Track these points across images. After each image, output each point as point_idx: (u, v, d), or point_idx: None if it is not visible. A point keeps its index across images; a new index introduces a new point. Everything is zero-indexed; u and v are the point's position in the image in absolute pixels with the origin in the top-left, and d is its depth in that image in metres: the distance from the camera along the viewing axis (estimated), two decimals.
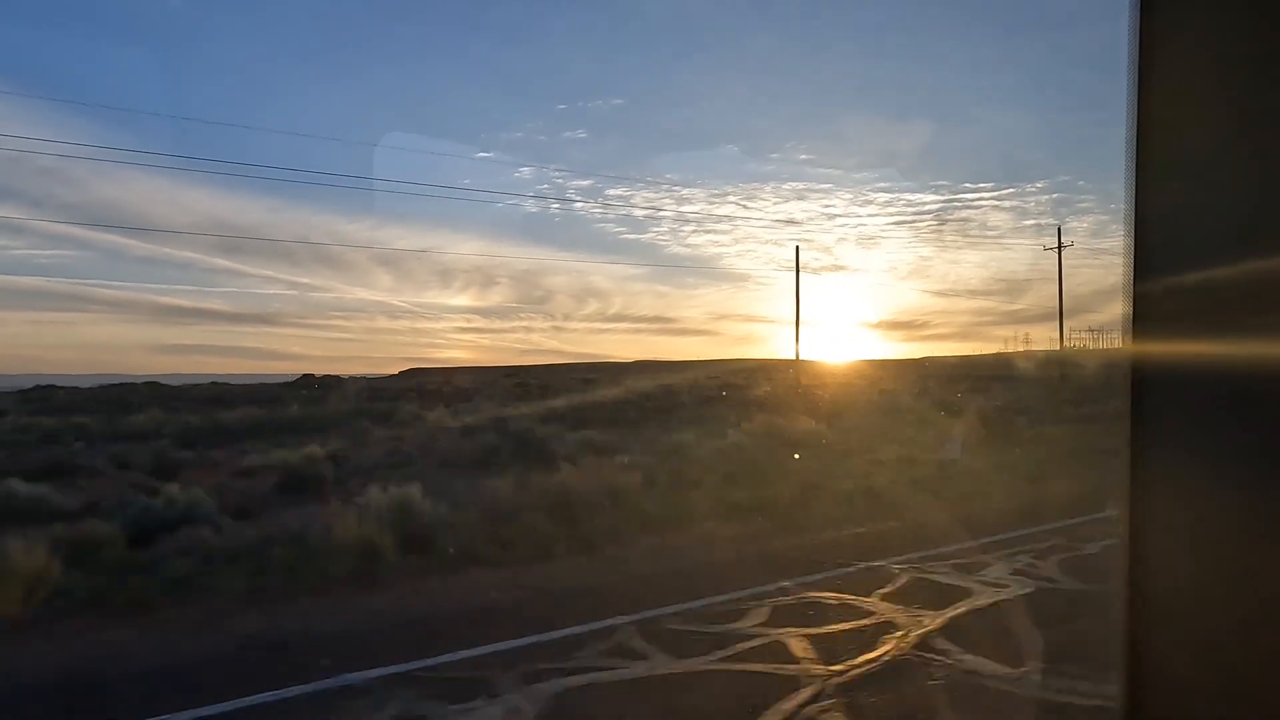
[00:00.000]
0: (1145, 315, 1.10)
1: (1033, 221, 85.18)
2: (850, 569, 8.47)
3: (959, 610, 7.04)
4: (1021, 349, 67.71)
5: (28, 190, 65.97)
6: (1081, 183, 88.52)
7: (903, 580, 8.05)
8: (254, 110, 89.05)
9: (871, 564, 8.65)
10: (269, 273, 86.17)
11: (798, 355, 38.65)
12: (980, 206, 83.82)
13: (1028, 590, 7.69)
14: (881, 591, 7.64)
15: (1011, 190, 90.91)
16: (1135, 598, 1.26)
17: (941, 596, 7.43)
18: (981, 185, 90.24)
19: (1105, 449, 15.00)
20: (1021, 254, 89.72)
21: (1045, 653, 5.92)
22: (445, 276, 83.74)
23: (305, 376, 64.19)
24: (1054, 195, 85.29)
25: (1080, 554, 9.10)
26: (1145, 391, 1.13)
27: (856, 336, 75.40)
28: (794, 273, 38.15)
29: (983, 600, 7.35)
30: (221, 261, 78.18)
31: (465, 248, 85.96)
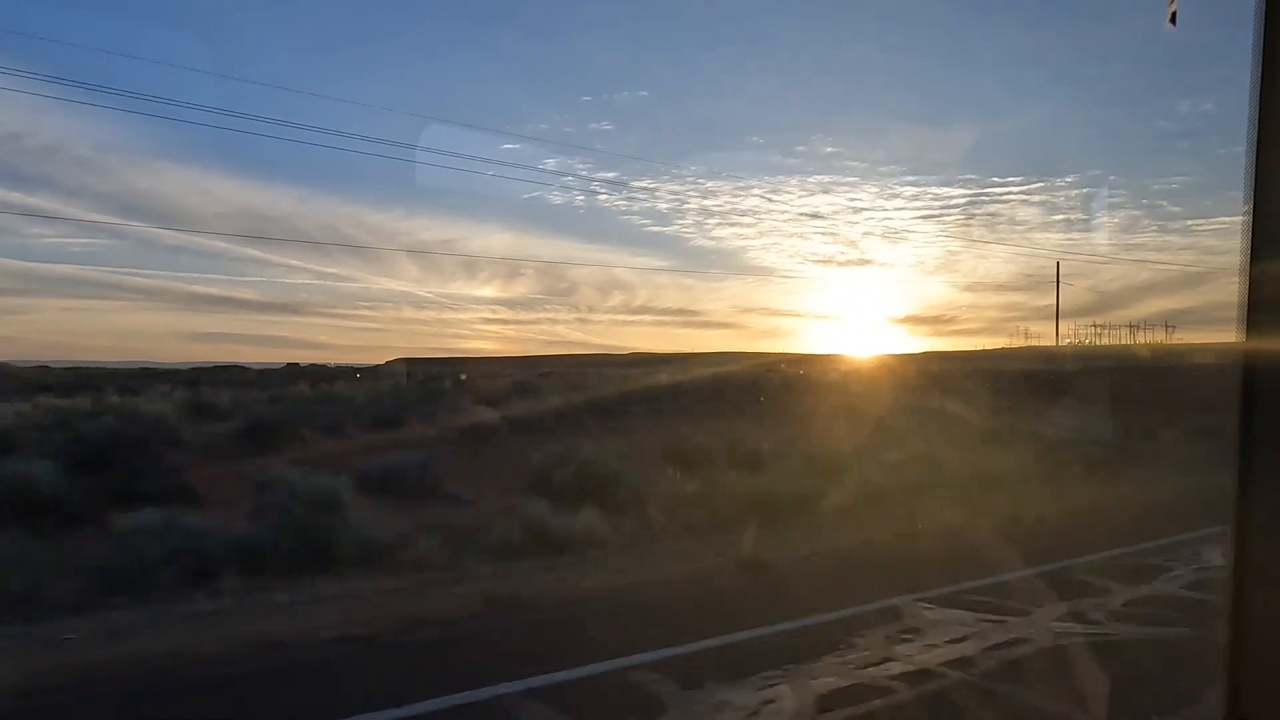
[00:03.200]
0: (1262, 304, 0.96)
1: (1062, 216, 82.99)
2: None
3: None
4: (1022, 344, 64.85)
5: (62, 179, 66.04)
6: (1113, 177, 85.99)
7: None
8: (275, 100, 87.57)
9: None
10: (297, 262, 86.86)
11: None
12: (1009, 201, 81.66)
13: None
14: None
15: (1041, 184, 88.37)
16: (1241, 605, 1.17)
17: None
18: (1010, 179, 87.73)
19: None
20: (1051, 249, 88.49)
21: None
22: (471, 268, 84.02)
23: (290, 365, 64.80)
24: (1084, 190, 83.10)
25: None
26: (1259, 387, 0.99)
27: (883, 331, 74.72)
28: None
29: None
30: (251, 251, 78.84)
31: (491, 239, 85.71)
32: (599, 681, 5.60)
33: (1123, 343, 63.30)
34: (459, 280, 73.39)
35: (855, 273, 78.83)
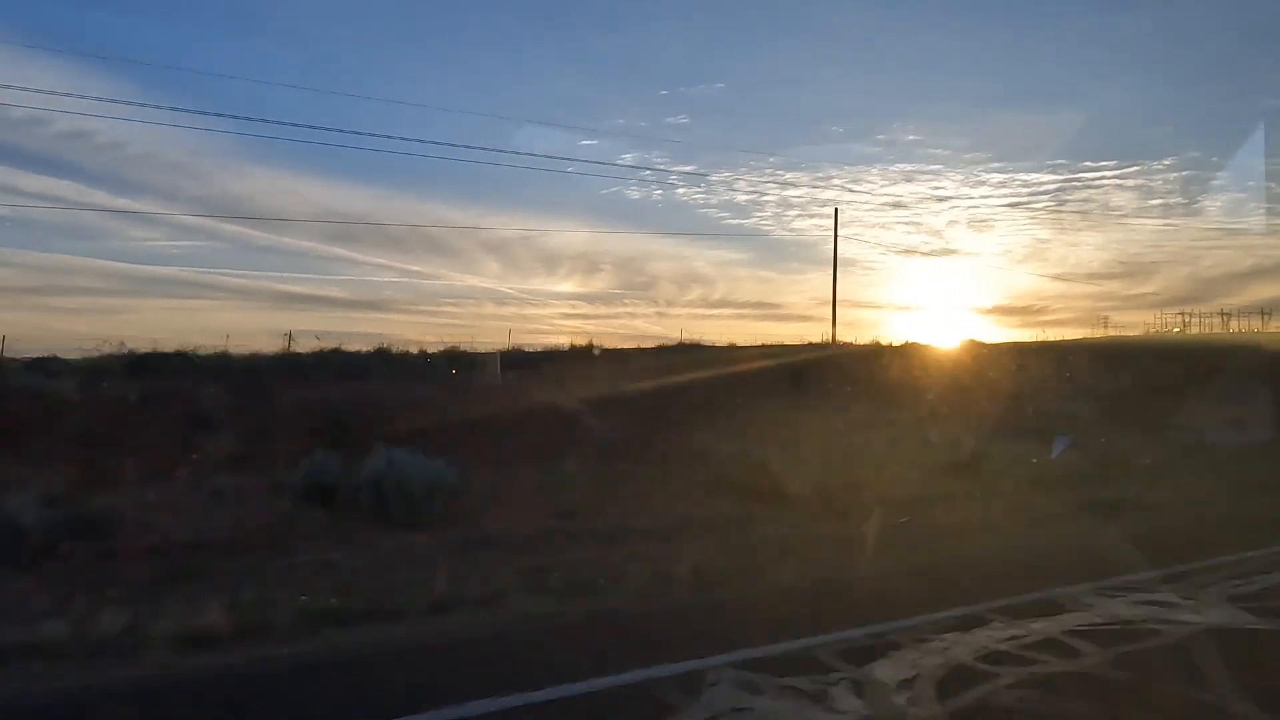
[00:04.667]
0: None
1: (1160, 201, 77.39)
2: None
3: None
4: (1102, 334, 60.15)
5: (160, 185, 68.49)
6: (1214, 159, 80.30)
7: None
8: (354, 102, 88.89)
9: None
10: (381, 260, 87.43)
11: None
12: (1101, 186, 76.55)
13: None
14: None
15: (1136, 168, 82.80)
16: None
17: None
18: (1103, 163, 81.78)
19: None
20: (1147, 235, 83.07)
21: None
22: (550, 263, 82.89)
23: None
24: (1183, 173, 77.84)
25: None
26: None
27: (969, 322, 70.53)
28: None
29: None
30: (337, 250, 79.86)
31: (569, 235, 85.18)
32: None
33: (1214, 331, 59.53)
34: (538, 276, 73.31)
35: (939, 263, 75.55)
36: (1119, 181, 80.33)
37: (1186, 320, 59.61)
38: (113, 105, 66.49)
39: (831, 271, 37.46)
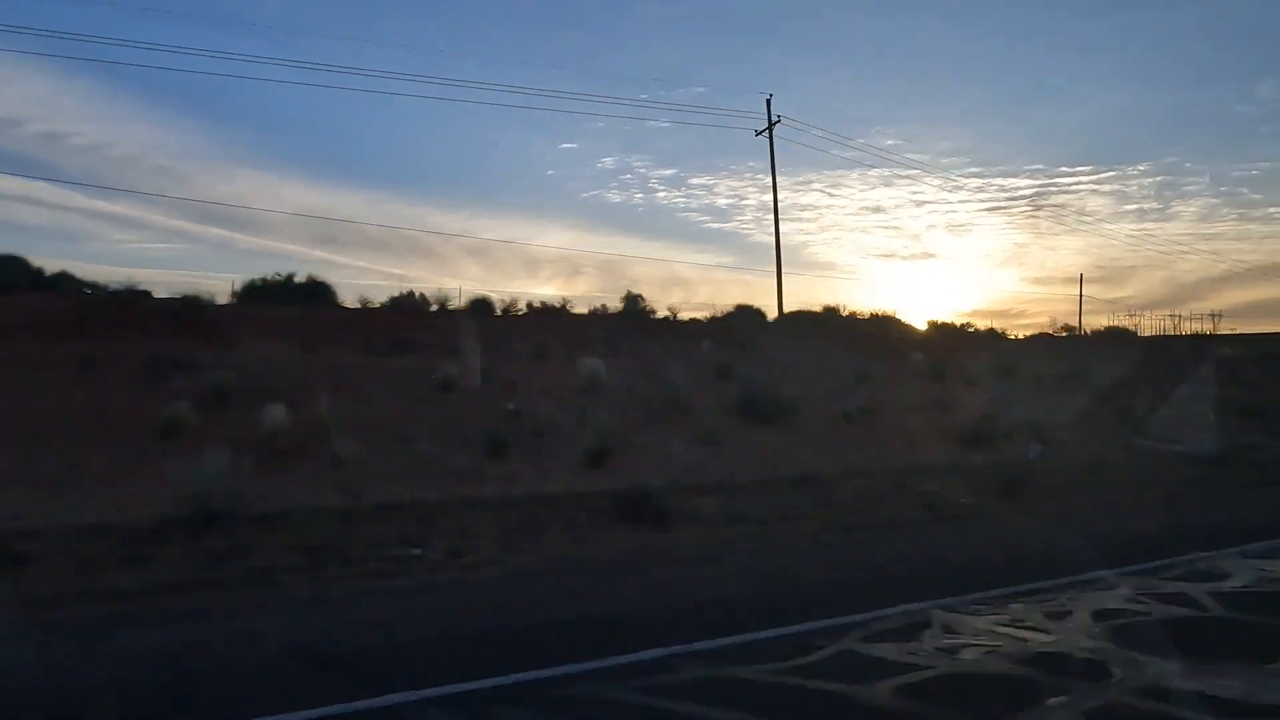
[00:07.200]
0: None
1: (1135, 206, 77.94)
2: None
3: None
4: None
5: (143, 186, 68.46)
6: (1189, 164, 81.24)
7: None
8: (344, 102, 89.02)
9: None
10: (363, 263, 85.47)
11: None
12: (1077, 191, 77.00)
13: None
14: None
15: (1112, 173, 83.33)
16: None
17: None
18: (1079, 168, 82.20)
19: None
20: (1123, 240, 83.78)
21: None
22: (531, 266, 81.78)
23: None
24: (1158, 178, 78.76)
25: None
26: None
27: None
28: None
29: None
30: (319, 253, 78.70)
31: (551, 238, 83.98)
32: None
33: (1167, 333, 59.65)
34: (521, 279, 72.84)
35: (919, 267, 75.63)
36: (1095, 186, 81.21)
37: (1137, 322, 59.99)
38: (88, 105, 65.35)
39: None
